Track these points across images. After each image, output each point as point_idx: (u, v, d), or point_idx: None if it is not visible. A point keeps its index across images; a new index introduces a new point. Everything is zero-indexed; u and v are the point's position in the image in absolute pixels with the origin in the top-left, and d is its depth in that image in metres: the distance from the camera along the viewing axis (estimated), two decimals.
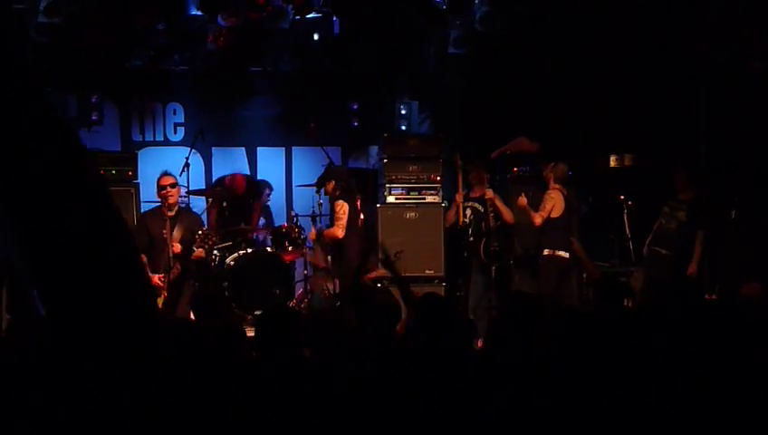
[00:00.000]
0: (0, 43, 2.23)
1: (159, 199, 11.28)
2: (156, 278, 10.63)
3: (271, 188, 14.51)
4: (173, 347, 4.71)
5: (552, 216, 12.11)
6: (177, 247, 10.78)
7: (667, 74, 13.00)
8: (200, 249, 10.85)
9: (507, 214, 12.75)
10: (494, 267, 12.64)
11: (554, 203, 12.14)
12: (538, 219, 12.11)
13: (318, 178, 12.63)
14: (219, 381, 4.58)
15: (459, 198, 12.81)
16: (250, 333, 5.82)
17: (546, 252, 12.09)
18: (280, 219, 14.13)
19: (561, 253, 12.08)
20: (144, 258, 10.53)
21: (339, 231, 11.97)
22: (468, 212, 12.86)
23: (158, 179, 11.31)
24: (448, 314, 7.14)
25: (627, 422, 4.52)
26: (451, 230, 12.94)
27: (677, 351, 5.17)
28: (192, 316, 9.55)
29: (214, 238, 11.05)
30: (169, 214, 11.06)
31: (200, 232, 10.92)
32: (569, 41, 13.47)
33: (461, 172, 12.85)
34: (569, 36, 13.43)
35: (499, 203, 12.74)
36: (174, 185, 11.22)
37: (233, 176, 14.28)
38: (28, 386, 3.99)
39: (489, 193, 12.71)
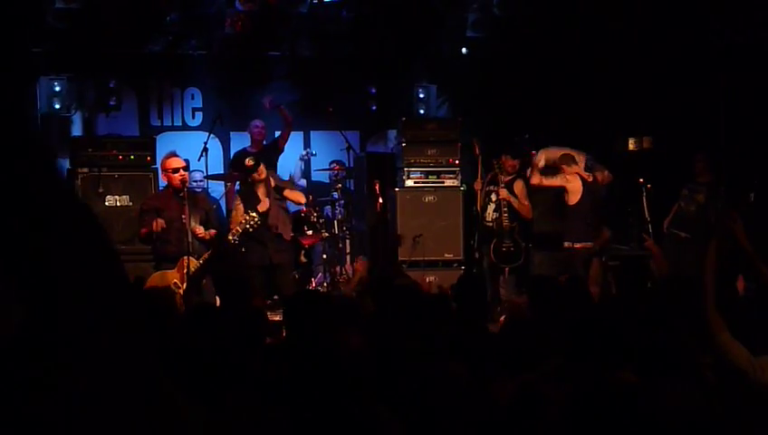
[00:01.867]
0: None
1: (170, 181, 10.80)
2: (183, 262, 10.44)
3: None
4: (197, 329, 4.74)
5: (569, 203, 11.97)
6: (200, 230, 10.62)
7: (686, 57, 12.95)
8: (235, 229, 10.79)
9: (525, 211, 12.56)
10: (506, 268, 12.50)
11: (570, 185, 11.99)
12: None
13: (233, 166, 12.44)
14: (243, 363, 4.59)
15: (478, 185, 12.72)
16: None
17: (566, 244, 11.93)
18: None
19: (580, 244, 11.91)
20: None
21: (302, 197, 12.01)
22: (494, 197, 12.68)
23: (167, 160, 10.89)
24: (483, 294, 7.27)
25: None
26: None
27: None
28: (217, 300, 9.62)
29: (257, 220, 10.96)
30: (179, 195, 10.60)
31: (246, 214, 10.85)
32: (587, 23, 13.43)
33: (480, 159, 12.74)
34: (587, 19, 13.39)
35: (515, 201, 12.49)
36: (186, 168, 10.99)
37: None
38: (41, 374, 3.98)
39: (503, 193, 12.45)
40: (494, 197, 12.64)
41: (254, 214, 10.92)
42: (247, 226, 10.83)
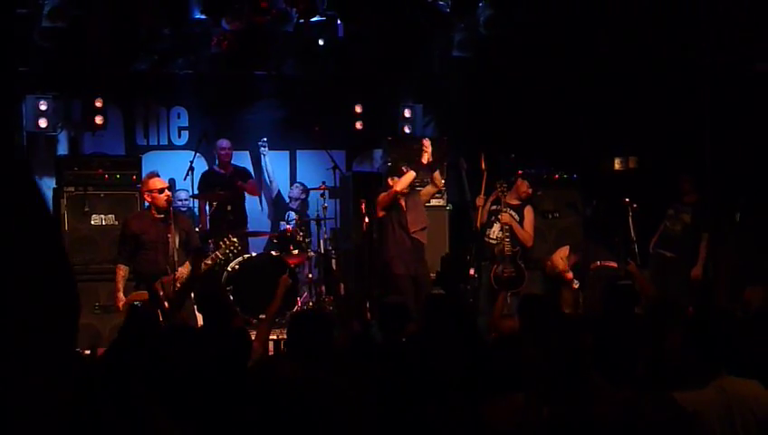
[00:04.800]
0: None
1: (155, 202, 10.39)
2: (163, 281, 10.30)
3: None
4: (177, 351, 4.72)
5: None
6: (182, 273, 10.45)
7: (671, 76, 12.99)
8: (215, 254, 10.69)
9: (527, 238, 12.23)
10: (508, 293, 11.88)
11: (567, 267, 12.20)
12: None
13: None
14: (225, 385, 4.58)
15: (480, 201, 12.32)
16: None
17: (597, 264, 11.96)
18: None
19: (611, 263, 11.93)
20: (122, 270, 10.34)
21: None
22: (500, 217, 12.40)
23: (150, 181, 10.55)
24: (457, 313, 7.24)
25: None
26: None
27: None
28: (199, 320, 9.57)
29: (237, 245, 10.84)
30: (158, 216, 10.32)
31: (226, 239, 10.68)
32: (572, 43, 13.46)
33: (485, 174, 12.44)
34: (572, 39, 13.43)
35: (517, 227, 12.15)
36: (170, 187, 10.95)
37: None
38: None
39: (505, 217, 12.06)
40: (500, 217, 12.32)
41: (234, 239, 10.77)
42: (227, 250, 10.67)
